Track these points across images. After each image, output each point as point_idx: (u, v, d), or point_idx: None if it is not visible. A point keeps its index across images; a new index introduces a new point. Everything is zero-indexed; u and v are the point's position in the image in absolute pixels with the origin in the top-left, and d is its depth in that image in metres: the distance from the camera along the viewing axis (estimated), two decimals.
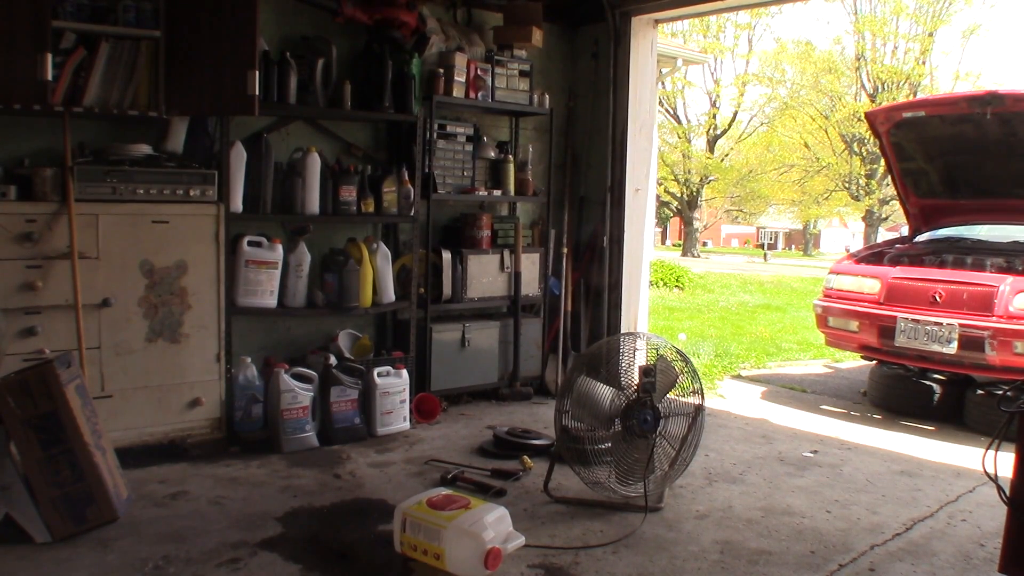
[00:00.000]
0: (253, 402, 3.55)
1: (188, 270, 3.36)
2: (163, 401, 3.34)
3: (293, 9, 3.91)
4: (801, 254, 36.77)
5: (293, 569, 2.43)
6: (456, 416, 4.26)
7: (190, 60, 3.26)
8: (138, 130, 3.47)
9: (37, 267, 3.05)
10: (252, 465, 3.35)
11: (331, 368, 3.70)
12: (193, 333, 3.39)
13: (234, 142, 3.54)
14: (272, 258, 3.67)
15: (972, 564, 2.65)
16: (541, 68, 4.79)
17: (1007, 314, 4.08)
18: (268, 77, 3.62)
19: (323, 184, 3.81)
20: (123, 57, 3.20)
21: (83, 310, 3.09)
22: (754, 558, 2.61)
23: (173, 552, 2.50)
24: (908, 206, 5.47)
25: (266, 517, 2.81)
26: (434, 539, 2.32)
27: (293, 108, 3.78)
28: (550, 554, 2.59)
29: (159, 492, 3.00)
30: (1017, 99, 4.40)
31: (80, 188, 3.12)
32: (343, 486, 3.15)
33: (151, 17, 3.24)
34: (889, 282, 4.63)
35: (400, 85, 4.02)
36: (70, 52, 3.11)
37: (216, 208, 3.41)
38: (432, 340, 4.28)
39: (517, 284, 4.57)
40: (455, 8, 4.60)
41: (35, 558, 2.43)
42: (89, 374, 3.09)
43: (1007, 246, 4.86)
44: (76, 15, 3.12)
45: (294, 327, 4.06)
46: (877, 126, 5.10)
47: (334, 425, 3.68)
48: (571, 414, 2.99)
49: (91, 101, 3.16)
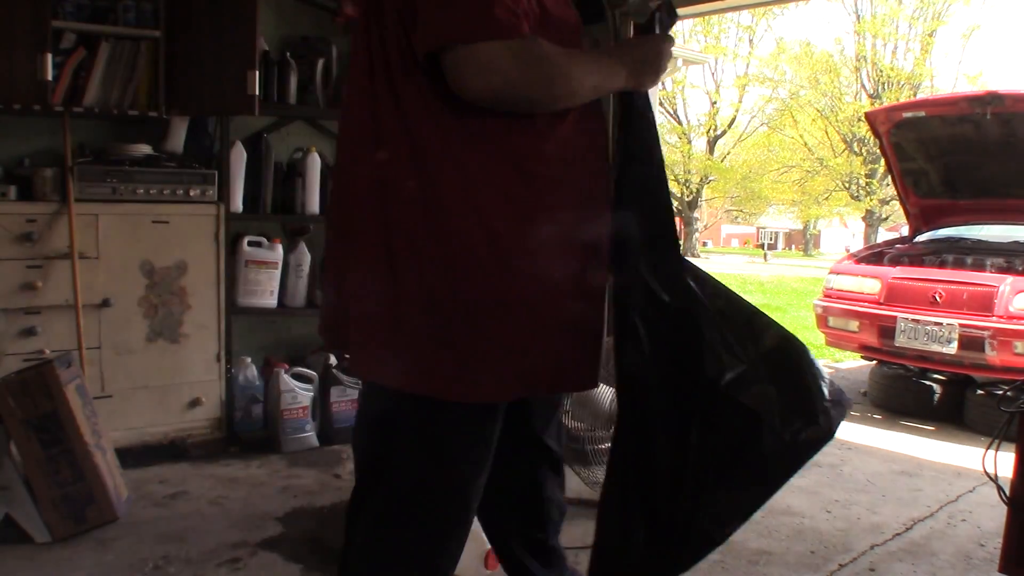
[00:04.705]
0: (253, 402, 3.55)
1: (188, 270, 3.36)
2: (163, 401, 3.34)
3: (293, 9, 3.91)
4: (801, 254, 36.77)
5: (293, 569, 2.42)
6: None
7: (190, 60, 3.26)
8: (138, 130, 3.46)
9: (37, 267, 3.05)
10: (252, 465, 3.35)
11: (331, 368, 3.70)
12: (193, 333, 3.39)
13: (234, 142, 3.54)
14: (272, 258, 3.67)
15: (972, 564, 2.65)
16: None
17: (1007, 314, 4.08)
18: (268, 77, 3.61)
19: (323, 184, 3.80)
20: (123, 57, 3.20)
21: (83, 310, 3.09)
22: (754, 558, 2.61)
23: (173, 552, 2.50)
24: (908, 206, 5.46)
25: (266, 517, 2.80)
26: None
27: (293, 108, 3.77)
28: None
29: (159, 492, 3.00)
30: (1017, 99, 4.39)
31: (80, 188, 3.12)
32: (343, 486, 3.15)
33: (151, 17, 3.24)
34: (889, 282, 4.63)
35: None
36: (70, 52, 3.11)
37: (216, 208, 3.41)
38: None
39: None
40: None
41: (35, 558, 2.43)
42: (89, 374, 3.09)
43: (1007, 246, 4.86)
44: (76, 15, 3.12)
45: (294, 327, 4.05)
46: (877, 126, 5.09)
47: (334, 425, 3.68)
48: (571, 414, 2.99)
49: (91, 101, 3.16)
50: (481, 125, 1.30)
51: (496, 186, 1.31)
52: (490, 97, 1.25)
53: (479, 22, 1.19)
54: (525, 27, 1.23)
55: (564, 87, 1.29)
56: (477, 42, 1.20)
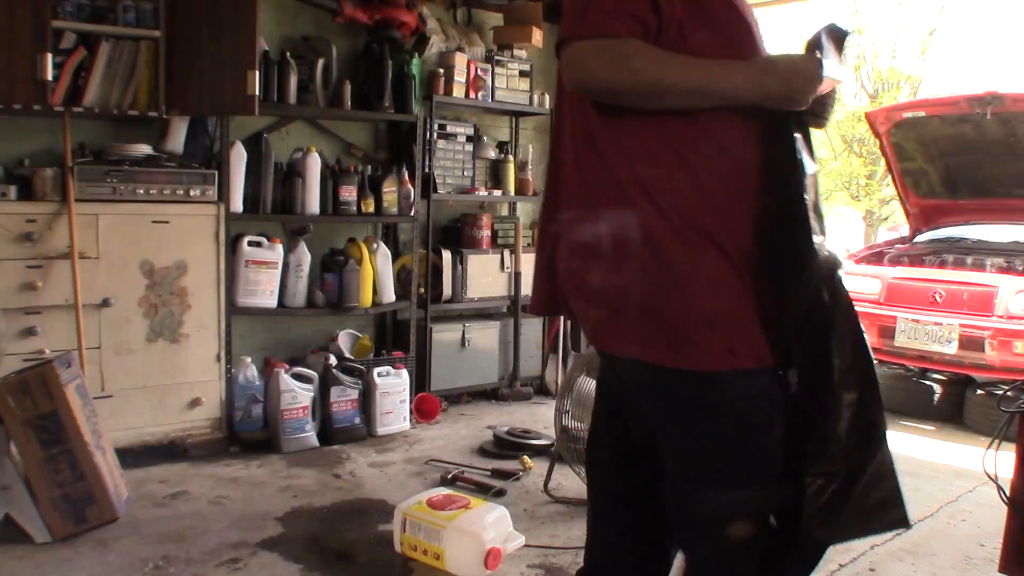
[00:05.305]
0: (253, 402, 3.55)
1: (188, 270, 3.36)
2: (163, 401, 3.34)
3: (293, 9, 3.91)
4: None
5: (293, 569, 2.43)
6: (456, 416, 4.26)
7: (190, 60, 3.26)
8: (138, 130, 3.46)
9: (37, 267, 3.05)
10: (252, 465, 3.35)
11: (331, 368, 3.70)
12: (193, 333, 3.39)
13: (234, 142, 3.54)
14: (272, 258, 3.67)
15: (972, 564, 2.65)
16: (541, 68, 4.78)
17: (1007, 314, 4.08)
18: (268, 77, 3.62)
19: (323, 184, 3.81)
20: (123, 57, 3.20)
21: (83, 310, 3.09)
22: None
23: (173, 552, 2.50)
24: (908, 206, 5.46)
25: (266, 517, 2.81)
26: (434, 539, 2.32)
27: (293, 108, 3.78)
28: (550, 554, 2.59)
29: (159, 492, 3.00)
30: (1017, 99, 4.40)
31: (80, 188, 3.12)
32: (343, 486, 3.15)
33: (151, 17, 3.24)
34: (889, 282, 4.63)
35: (400, 85, 4.02)
36: (70, 52, 3.11)
37: (216, 208, 3.41)
38: (432, 340, 4.28)
39: (517, 284, 4.57)
40: (455, 8, 4.59)
41: (35, 558, 2.43)
42: (89, 374, 3.09)
43: (1007, 246, 4.86)
44: (76, 15, 3.12)
45: (294, 327, 4.06)
46: (877, 126, 5.10)
47: (334, 425, 3.68)
48: (571, 414, 2.99)
49: (91, 101, 3.16)
50: (703, 125, 1.43)
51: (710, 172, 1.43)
52: (581, 88, 1.43)
53: (575, 26, 1.40)
54: (618, 28, 1.37)
55: (651, 83, 1.38)
56: (572, 41, 1.41)
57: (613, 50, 1.37)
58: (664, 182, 1.42)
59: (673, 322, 1.41)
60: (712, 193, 1.42)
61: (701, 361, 1.41)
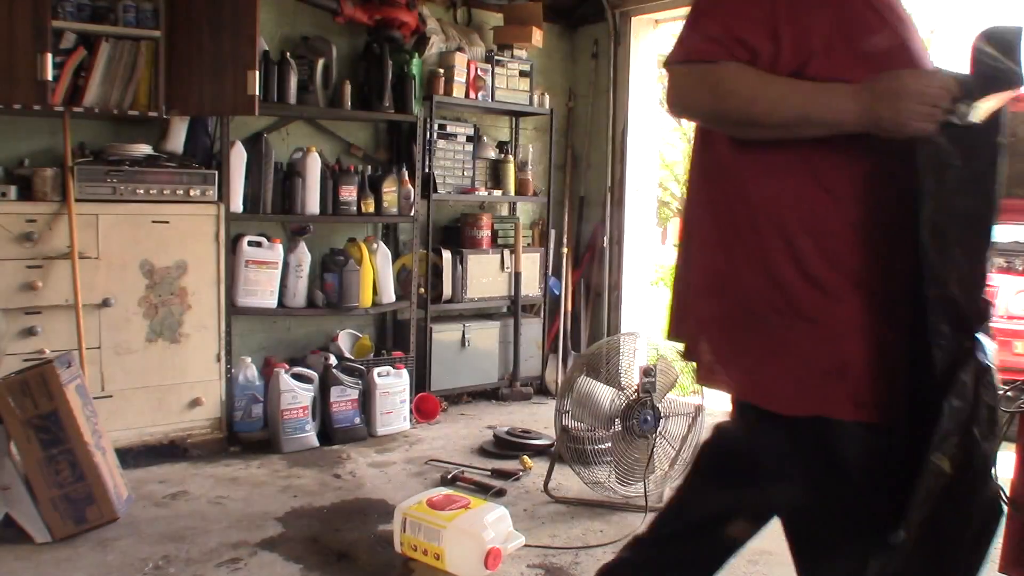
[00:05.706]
0: (253, 402, 3.55)
1: (188, 270, 3.36)
2: (163, 401, 3.34)
3: (293, 9, 3.91)
4: None
5: (293, 569, 2.43)
6: (456, 416, 4.26)
7: (190, 60, 3.26)
8: (138, 130, 3.47)
9: (37, 267, 3.05)
10: (252, 465, 3.35)
11: (331, 368, 3.70)
12: (193, 333, 3.39)
13: (234, 142, 3.54)
14: (272, 258, 3.67)
15: None
16: (541, 68, 4.79)
17: (1007, 314, 4.08)
18: (268, 77, 3.62)
19: (323, 184, 3.81)
20: (123, 57, 3.21)
21: (83, 310, 3.09)
22: (754, 558, 2.61)
23: (173, 552, 2.50)
24: None
25: (266, 517, 2.81)
26: (434, 539, 2.32)
27: (293, 108, 3.78)
28: (550, 554, 2.59)
29: (159, 492, 3.00)
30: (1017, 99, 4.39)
31: (80, 188, 3.12)
32: (343, 486, 3.16)
33: (151, 17, 3.24)
34: None
35: (400, 85, 4.02)
36: (70, 52, 3.11)
37: (216, 208, 3.41)
38: (432, 340, 4.28)
39: (517, 284, 4.57)
40: (455, 8, 4.60)
41: (35, 558, 2.43)
42: (89, 374, 3.09)
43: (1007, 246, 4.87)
44: (76, 15, 3.12)
45: (294, 327, 4.06)
46: None
47: (334, 425, 3.68)
48: (571, 414, 2.99)
49: (91, 101, 3.16)
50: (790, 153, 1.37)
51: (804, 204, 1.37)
52: (680, 112, 1.45)
53: (676, 52, 1.40)
54: (716, 52, 1.33)
55: (747, 107, 1.34)
56: (671, 65, 1.41)
57: (706, 75, 1.35)
58: (807, 219, 1.35)
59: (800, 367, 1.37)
60: (855, 231, 1.35)
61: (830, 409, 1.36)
